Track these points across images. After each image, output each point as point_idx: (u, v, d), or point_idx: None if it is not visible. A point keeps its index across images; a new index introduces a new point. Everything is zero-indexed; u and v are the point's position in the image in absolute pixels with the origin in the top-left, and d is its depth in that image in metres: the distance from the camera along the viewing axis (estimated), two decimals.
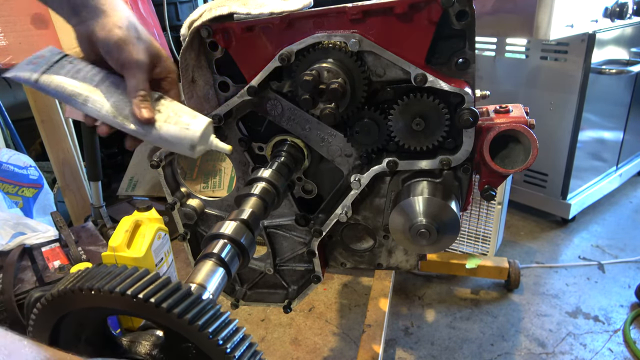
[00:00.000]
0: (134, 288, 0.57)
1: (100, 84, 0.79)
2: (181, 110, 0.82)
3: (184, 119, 0.81)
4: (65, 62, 0.80)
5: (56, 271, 1.49)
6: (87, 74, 0.79)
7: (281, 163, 0.95)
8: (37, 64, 0.79)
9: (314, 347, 1.74)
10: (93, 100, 0.79)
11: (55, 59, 0.80)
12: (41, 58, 0.79)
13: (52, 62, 0.79)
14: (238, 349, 0.57)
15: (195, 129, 0.80)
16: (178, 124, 0.80)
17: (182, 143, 0.81)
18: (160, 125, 0.80)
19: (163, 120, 0.80)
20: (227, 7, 0.90)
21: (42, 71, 0.78)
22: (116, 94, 0.79)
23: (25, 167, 2.09)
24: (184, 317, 0.56)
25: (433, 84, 0.83)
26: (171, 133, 0.80)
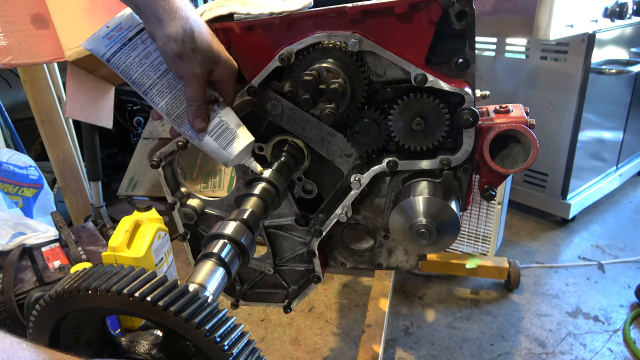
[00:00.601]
0: (130, 287, 0.57)
1: (164, 75, 0.84)
2: (227, 121, 0.87)
3: (226, 135, 0.87)
4: (138, 40, 0.82)
5: (56, 271, 1.49)
6: (155, 61, 0.83)
7: (281, 163, 0.95)
8: (113, 38, 0.81)
9: (314, 347, 1.74)
10: (152, 93, 0.84)
11: (131, 34, 0.82)
12: (118, 31, 0.81)
13: (127, 38, 0.82)
14: (236, 346, 0.57)
15: (231, 151, 0.87)
16: (218, 140, 0.87)
17: (218, 159, 0.89)
18: (203, 135, 0.86)
19: (207, 131, 0.86)
20: (227, 7, 0.90)
21: (115, 50, 0.81)
22: (174, 90, 0.85)
23: (25, 167, 2.09)
24: (181, 315, 0.56)
25: (433, 84, 0.83)
26: (210, 148, 0.87)
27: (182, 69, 0.79)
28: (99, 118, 1.67)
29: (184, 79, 0.81)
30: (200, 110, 0.84)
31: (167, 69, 0.83)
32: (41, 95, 1.95)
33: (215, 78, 0.85)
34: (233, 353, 0.56)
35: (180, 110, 0.86)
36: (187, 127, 0.87)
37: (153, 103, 0.86)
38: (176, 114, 0.86)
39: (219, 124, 0.87)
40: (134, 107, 3.01)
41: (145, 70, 0.83)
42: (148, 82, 0.83)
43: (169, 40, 0.76)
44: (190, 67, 0.79)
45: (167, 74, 0.84)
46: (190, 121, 0.85)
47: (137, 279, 0.59)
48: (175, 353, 0.67)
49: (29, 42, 1.44)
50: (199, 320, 0.56)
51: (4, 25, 1.40)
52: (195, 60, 0.79)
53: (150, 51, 0.83)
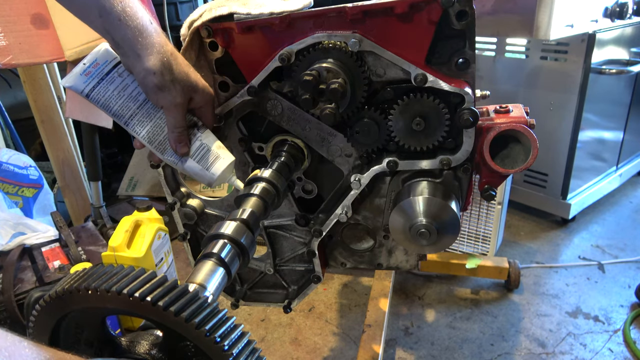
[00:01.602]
0: (130, 287, 0.57)
1: (143, 105, 0.87)
2: (208, 145, 0.90)
3: (207, 157, 0.89)
4: (115, 74, 0.85)
5: (56, 271, 1.49)
6: (133, 92, 0.86)
7: (281, 163, 0.95)
8: (90, 74, 0.84)
9: (314, 347, 1.74)
10: (133, 124, 0.87)
11: (108, 68, 0.85)
12: (95, 67, 0.84)
13: (104, 72, 0.84)
14: (236, 346, 0.57)
15: (214, 172, 0.89)
16: (200, 162, 0.89)
17: (202, 180, 0.91)
18: (185, 159, 0.89)
19: (190, 155, 0.89)
20: (227, 7, 0.90)
21: (93, 85, 0.84)
22: (154, 119, 0.87)
23: (25, 167, 2.09)
24: (181, 315, 0.56)
25: (433, 84, 0.83)
26: (193, 170, 0.90)
27: (163, 99, 0.82)
28: (99, 118, 1.68)
29: (165, 108, 0.84)
30: (182, 136, 0.86)
31: (145, 99, 0.86)
32: (41, 95, 1.95)
33: (194, 105, 0.87)
34: (233, 353, 0.56)
35: (161, 137, 0.88)
36: (170, 153, 0.89)
37: (135, 133, 0.88)
38: (158, 141, 0.88)
39: (200, 147, 0.89)
40: None
41: (124, 102, 0.85)
42: (128, 113, 0.86)
43: (148, 73, 0.78)
44: (171, 97, 0.81)
45: (145, 103, 0.86)
46: (173, 147, 0.87)
47: (137, 279, 0.59)
48: (175, 353, 0.66)
49: (29, 42, 1.44)
50: (199, 320, 0.56)
51: (4, 25, 1.40)
52: (175, 91, 0.81)
53: (127, 83, 0.85)
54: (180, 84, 0.82)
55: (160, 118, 0.87)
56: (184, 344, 0.64)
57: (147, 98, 0.85)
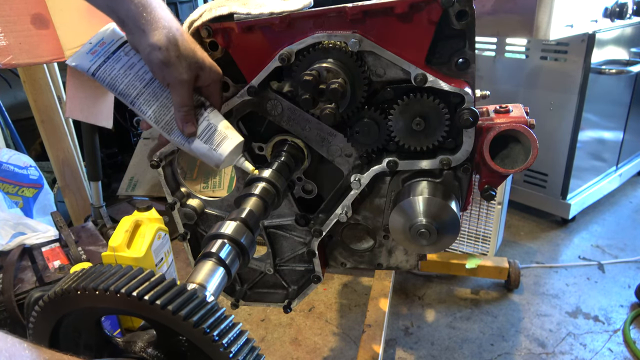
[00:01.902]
0: (129, 286, 0.57)
1: (150, 84, 0.85)
2: (215, 126, 0.88)
3: (215, 138, 0.88)
4: (121, 53, 0.84)
5: (56, 271, 1.49)
6: (139, 71, 0.85)
7: (281, 163, 0.95)
8: (96, 53, 0.83)
9: (314, 347, 1.74)
10: (139, 103, 0.86)
11: (114, 47, 0.84)
12: (101, 45, 0.83)
13: (110, 51, 0.83)
14: (235, 345, 0.57)
15: (221, 152, 0.88)
16: (208, 142, 0.87)
17: (209, 161, 0.89)
18: (192, 139, 0.87)
19: (197, 135, 0.87)
20: (227, 7, 0.90)
21: (99, 63, 0.83)
22: (160, 98, 0.86)
23: (25, 167, 2.09)
24: (179, 314, 0.56)
25: (433, 84, 0.83)
26: (200, 151, 0.88)
27: (169, 76, 0.81)
28: (99, 118, 1.67)
29: (171, 85, 0.82)
30: (189, 116, 0.85)
31: (152, 78, 0.85)
32: (41, 95, 1.95)
33: (201, 84, 0.86)
34: (232, 351, 0.56)
35: (168, 117, 0.87)
36: (177, 133, 0.88)
37: (141, 112, 0.87)
38: (164, 121, 0.87)
39: (207, 127, 0.88)
40: None
41: (130, 81, 0.84)
42: (134, 92, 0.85)
43: (154, 49, 0.77)
44: (177, 74, 0.80)
45: (152, 82, 0.85)
46: (179, 127, 0.86)
47: (136, 278, 0.59)
48: (170, 348, 0.66)
49: (29, 42, 1.44)
50: (197, 318, 0.56)
51: (4, 25, 1.40)
52: (181, 67, 0.80)
53: (134, 62, 0.84)
54: (186, 60, 0.80)
55: (167, 97, 0.86)
56: (177, 339, 0.64)
57: (153, 77, 0.84)
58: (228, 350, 0.56)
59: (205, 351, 0.57)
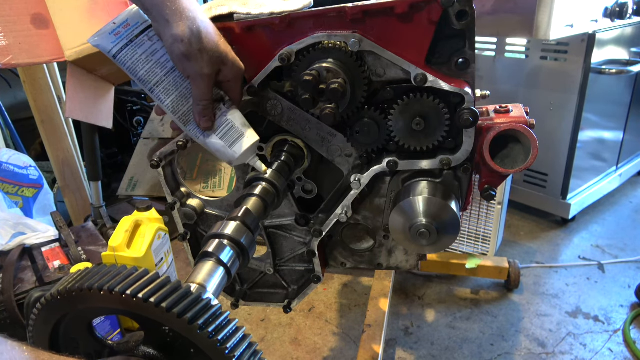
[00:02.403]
0: (134, 288, 0.57)
1: (171, 73, 0.84)
2: (233, 121, 0.87)
3: (231, 134, 0.87)
4: (145, 37, 0.82)
5: (56, 271, 1.49)
6: (161, 58, 0.83)
7: (281, 163, 0.95)
8: (120, 35, 0.81)
9: (314, 347, 1.74)
10: (158, 91, 0.84)
11: (138, 31, 0.81)
12: (125, 27, 0.81)
13: (134, 35, 0.81)
14: (238, 349, 0.57)
15: (236, 150, 0.87)
16: (224, 139, 0.87)
17: (222, 157, 0.88)
18: (209, 134, 0.86)
19: (213, 130, 0.86)
20: (227, 6, 0.90)
21: (122, 46, 0.81)
22: (180, 88, 0.84)
23: (25, 167, 2.09)
24: (184, 317, 0.56)
25: (433, 84, 0.83)
26: (215, 146, 0.87)
27: (190, 69, 0.80)
28: (99, 118, 1.67)
29: (192, 78, 0.81)
30: (207, 110, 0.84)
31: (173, 67, 0.83)
32: (41, 95, 1.95)
33: (222, 79, 0.85)
34: (235, 355, 0.56)
35: (186, 108, 0.86)
36: (193, 125, 0.87)
37: (159, 100, 0.85)
38: (182, 112, 0.86)
39: (225, 123, 0.87)
40: (134, 107, 3.01)
41: (151, 68, 0.83)
42: (155, 80, 0.83)
43: (176, 40, 0.76)
44: (198, 68, 0.79)
45: (173, 71, 0.84)
46: (196, 120, 0.85)
47: (141, 279, 0.59)
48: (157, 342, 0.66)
49: (29, 42, 1.44)
50: (202, 322, 0.56)
51: (4, 25, 1.40)
52: (202, 61, 0.79)
53: (157, 48, 0.82)
54: (208, 54, 0.79)
55: (187, 88, 0.85)
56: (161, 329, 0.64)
57: (175, 66, 0.83)
58: (231, 354, 0.56)
59: (208, 354, 0.57)
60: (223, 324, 0.58)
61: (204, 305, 0.58)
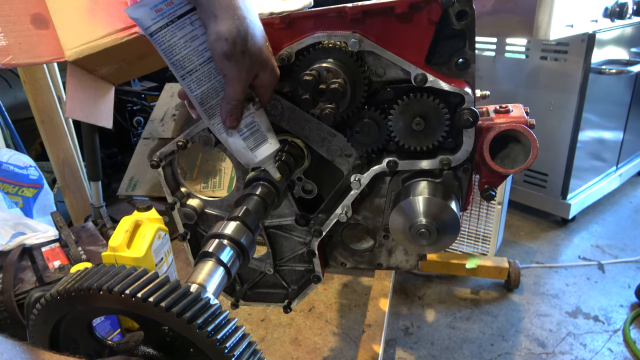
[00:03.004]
0: (133, 287, 0.57)
1: (206, 63, 0.79)
2: (259, 125, 0.86)
3: (255, 137, 0.86)
4: (187, 20, 0.76)
5: (56, 271, 1.49)
6: (200, 46, 0.78)
7: (281, 163, 0.95)
8: (162, 12, 0.75)
9: (314, 347, 1.74)
10: (190, 79, 0.80)
11: (181, 12, 0.76)
12: (168, 5, 0.75)
13: (176, 15, 0.75)
14: (237, 348, 0.57)
15: (256, 155, 0.86)
16: (247, 141, 0.85)
17: (241, 158, 0.87)
18: (232, 132, 0.84)
19: (237, 130, 0.84)
20: None
21: (162, 25, 0.75)
22: (213, 81, 0.81)
23: (25, 167, 2.09)
24: (183, 316, 0.56)
25: (433, 84, 0.83)
26: (236, 146, 0.86)
27: (228, 69, 0.76)
28: (99, 118, 1.68)
29: (227, 78, 0.78)
30: (236, 109, 0.82)
31: (210, 57, 0.79)
32: (41, 95, 1.95)
33: (257, 83, 0.82)
34: (234, 355, 0.56)
35: (214, 101, 0.83)
36: (218, 120, 0.84)
37: (189, 89, 0.82)
38: (210, 104, 0.83)
39: (250, 124, 0.85)
40: (134, 107, 3.01)
41: (188, 54, 0.78)
42: (189, 67, 0.79)
43: (220, 38, 0.73)
44: (237, 70, 0.76)
45: (209, 62, 0.80)
46: (222, 118, 0.83)
47: (140, 279, 0.59)
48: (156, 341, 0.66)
49: (29, 42, 1.44)
50: (201, 321, 0.56)
51: (4, 25, 1.40)
52: (243, 64, 0.76)
53: (197, 34, 0.77)
54: (251, 57, 0.76)
55: (220, 82, 0.81)
56: (161, 329, 0.64)
57: (211, 57, 0.79)
58: (231, 354, 0.56)
59: (207, 353, 0.57)
60: (222, 323, 0.58)
61: (203, 304, 0.58)
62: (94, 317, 0.72)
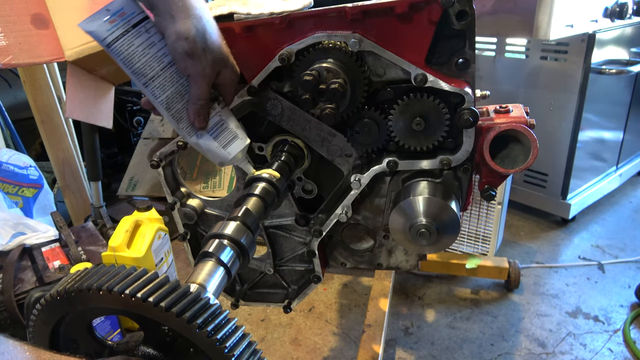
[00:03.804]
0: (133, 287, 0.57)
1: (167, 68, 0.80)
2: (227, 122, 0.86)
3: (224, 136, 0.85)
4: (142, 28, 0.77)
5: (56, 271, 1.49)
6: (159, 52, 0.79)
7: (281, 163, 0.95)
8: (115, 22, 0.76)
9: (314, 347, 1.74)
10: (153, 86, 0.80)
11: (135, 21, 0.77)
12: (121, 16, 0.76)
13: (130, 24, 0.76)
14: (237, 348, 0.57)
15: (229, 152, 0.85)
16: (216, 139, 0.85)
17: (214, 158, 0.86)
18: (202, 133, 0.84)
19: (206, 130, 0.84)
20: (227, 6, 0.90)
21: (117, 35, 0.76)
22: (176, 85, 0.81)
23: (25, 167, 2.09)
24: (183, 316, 0.56)
25: (433, 84, 0.83)
26: (208, 146, 0.85)
27: (191, 68, 0.78)
28: (99, 118, 1.68)
29: (192, 77, 0.80)
30: (203, 109, 0.83)
31: (170, 62, 0.80)
32: (41, 95, 1.95)
33: (220, 81, 0.84)
34: (234, 354, 0.56)
35: (180, 105, 0.83)
36: (186, 123, 0.84)
37: (153, 96, 0.82)
38: (176, 108, 0.83)
39: (218, 123, 0.85)
40: (134, 107, 3.01)
41: (148, 61, 0.79)
42: (150, 74, 0.80)
43: (180, 37, 0.74)
44: (200, 67, 0.78)
45: (170, 67, 0.81)
46: (190, 119, 0.83)
47: (140, 279, 0.59)
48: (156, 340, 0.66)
49: (29, 42, 1.44)
50: (201, 321, 0.56)
51: (4, 25, 1.40)
52: (205, 61, 0.77)
53: (154, 41, 0.78)
54: (212, 54, 0.77)
55: (183, 85, 0.82)
56: (161, 329, 0.64)
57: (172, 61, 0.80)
58: (230, 353, 0.56)
59: (207, 353, 0.57)
60: (222, 323, 0.58)
61: (203, 304, 0.58)
62: (94, 317, 0.72)
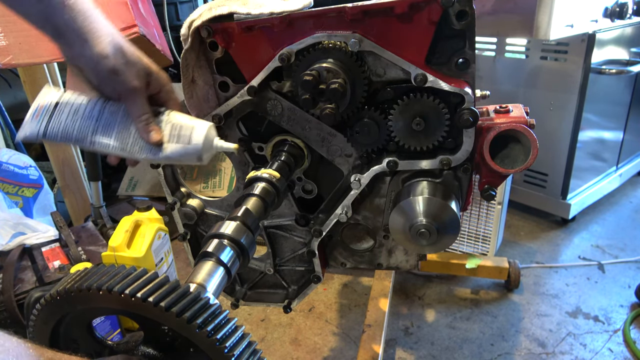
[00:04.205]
0: (132, 287, 0.57)
1: (101, 118, 0.81)
2: (179, 122, 0.83)
3: (184, 133, 0.82)
4: (63, 105, 0.81)
5: (56, 271, 1.49)
6: (86, 112, 0.81)
7: (281, 163, 0.95)
8: (39, 117, 0.80)
9: (314, 347, 1.74)
10: (98, 139, 0.81)
11: (53, 104, 0.81)
12: (41, 109, 0.81)
13: (51, 109, 0.81)
14: (237, 348, 0.57)
15: (196, 142, 0.82)
16: (180, 141, 0.82)
17: (189, 158, 0.83)
18: (165, 146, 0.82)
19: (166, 140, 0.82)
20: (227, 6, 0.90)
21: (45, 124, 0.80)
22: (117, 125, 0.81)
23: (25, 167, 2.09)
24: (183, 316, 0.56)
25: (433, 84, 0.83)
26: (177, 151, 0.82)
27: (119, 85, 0.77)
28: None
29: (124, 96, 0.79)
30: (151, 123, 0.80)
31: (100, 111, 0.80)
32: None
33: (152, 91, 0.82)
34: (234, 354, 0.56)
35: (131, 139, 0.81)
36: (146, 149, 0.82)
37: (104, 147, 0.82)
38: (129, 143, 0.82)
39: (172, 129, 0.82)
40: None
41: (81, 124, 0.80)
42: (89, 132, 0.81)
43: (101, 58, 0.74)
44: (127, 82, 0.77)
45: (102, 113, 0.81)
46: (144, 138, 0.80)
47: (140, 279, 0.59)
48: (157, 341, 0.66)
49: (29, 42, 1.44)
50: (201, 321, 0.56)
51: (4, 25, 1.40)
52: (130, 74, 0.77)
53: (77, 106, 0.81)
54: (135, 66, 0.77)
55: (123, 117, 0.81)
56: (160, 329, 0.64)
57: (102, 109, 0.80)
58: (230, 353, 0.56)
59: (207, 353, 0.57)
60: (222, 323, 0.58)
61: (203, 304, 0.58)
62: (94, 317, 0.72)
